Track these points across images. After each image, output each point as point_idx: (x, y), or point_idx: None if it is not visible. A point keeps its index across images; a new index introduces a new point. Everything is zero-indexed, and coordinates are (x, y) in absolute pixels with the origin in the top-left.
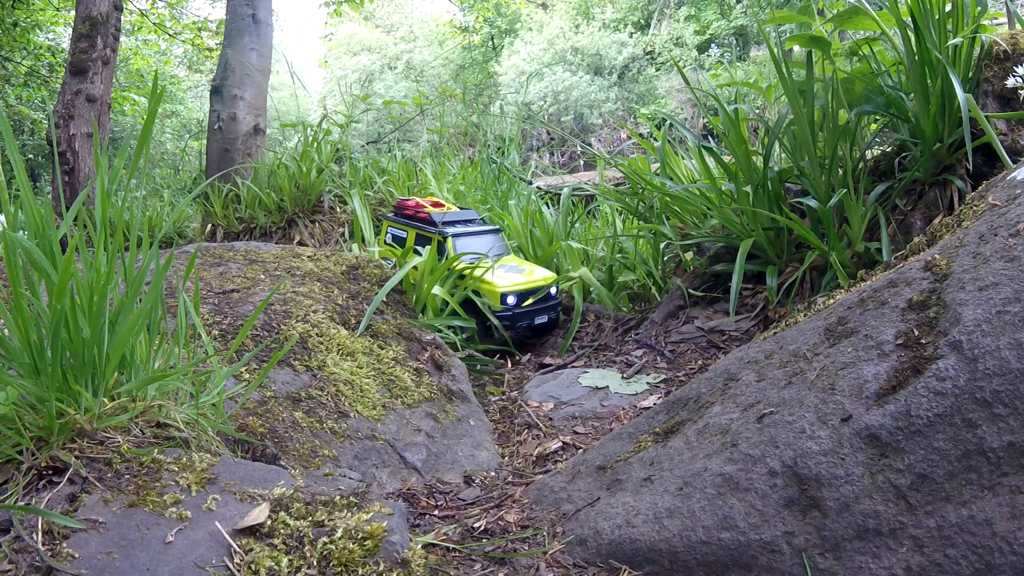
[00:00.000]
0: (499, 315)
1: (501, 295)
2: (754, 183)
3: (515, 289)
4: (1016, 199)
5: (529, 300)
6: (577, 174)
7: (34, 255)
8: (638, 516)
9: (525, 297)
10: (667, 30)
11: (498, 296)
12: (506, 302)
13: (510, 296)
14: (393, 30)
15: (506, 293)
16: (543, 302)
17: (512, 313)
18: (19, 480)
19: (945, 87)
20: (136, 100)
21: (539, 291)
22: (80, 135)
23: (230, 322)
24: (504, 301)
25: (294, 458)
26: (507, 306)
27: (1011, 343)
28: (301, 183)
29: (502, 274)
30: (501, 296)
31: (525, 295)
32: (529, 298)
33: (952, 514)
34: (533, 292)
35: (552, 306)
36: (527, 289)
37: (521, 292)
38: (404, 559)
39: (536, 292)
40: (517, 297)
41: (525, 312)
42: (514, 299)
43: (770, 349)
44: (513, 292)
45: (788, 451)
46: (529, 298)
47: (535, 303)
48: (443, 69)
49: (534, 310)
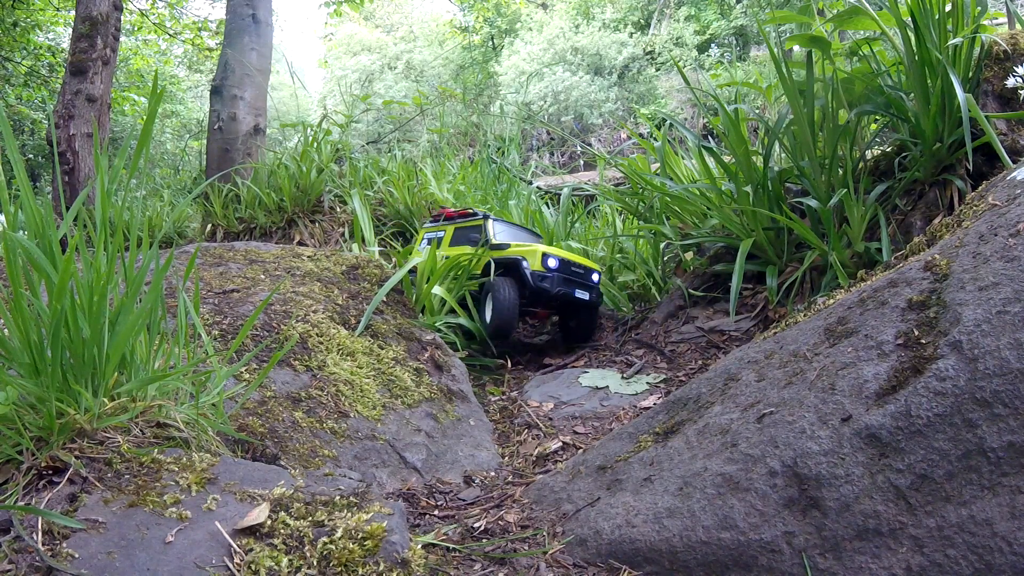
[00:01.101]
0: (539, 277)
1: (542, 255)
2: (754, 183)
3: (557, 254)
4: (1016, 199)
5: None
6: (577, 174)
7: (34, 255)
8: (638, 516)
9: (567, 266)
10: (667, 30)
11: (539, 256)
12: (547, 264)
13: (551, 259)
14: (393, 30)
15: (548, 255)
16: (585, 279)
17: (553, 275)
18: (19, 480)
19: (945, 87)
20: (136, 100)
21: (581, 267)
22: (80, 135)
23: (230, 322)
24: (545, 262)
25: (294, 458)
26: (547, 269)
27: (1011, 343)
28: (301, 183)
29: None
30: (542, 256)
31: (567, 264)
32: (571, 268)
33: (952, 514)
34: (575, 265)
35: (593, 287)
36: (569, 259)
37: (563, 259)
38: (404, 559)
39: (578, 266)
40: (559, 261)
41: (566, 279)
42: (555, 262)
43: (770, 349)
44: (555, 256)
45: (788, 451)
46: (571, 268)
47: (576, 278)
48: (443, 69)
49: (575, 281)
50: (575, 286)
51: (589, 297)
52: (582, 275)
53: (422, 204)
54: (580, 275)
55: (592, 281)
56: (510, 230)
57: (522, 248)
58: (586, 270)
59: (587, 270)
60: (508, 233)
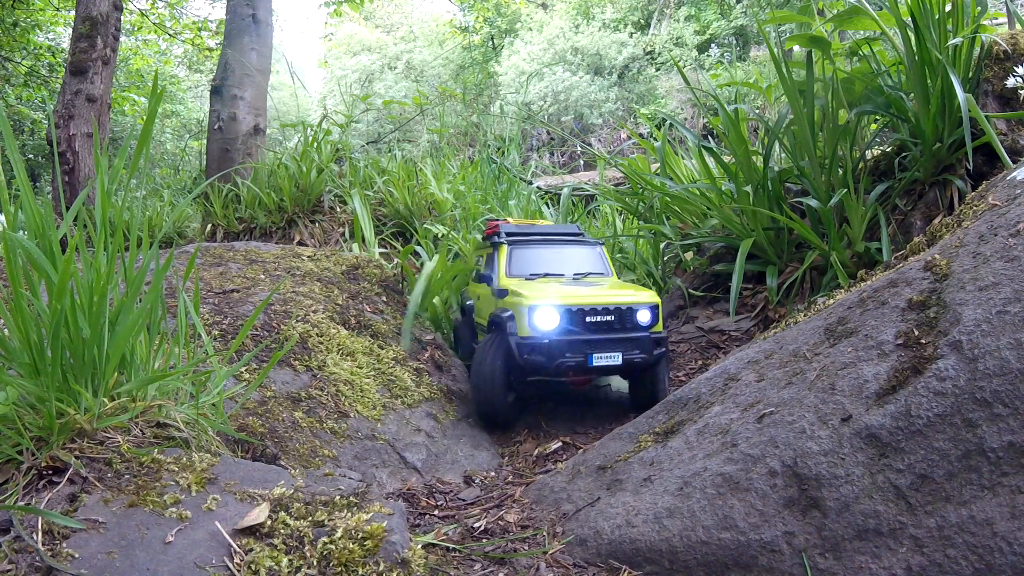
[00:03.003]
0: (527, 347)
1: (528, 309)
2: (754, 183)
3: (562, 301)
4: (1016, 199)
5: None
6: (577, 174)
7: (34, 255)
8: (638, 516)
9: (578, 319)
10: (667, 30)
11: (525, 313)
12: (535, 324)
13: (544, 313)
14: (393, 30)
15: (538, 307)
16: (619, 328)
17: (548, 342)
18: (19, 480)
19: (945, 87)
20: (136, 100)
21: (613, 310)
22: (80, 135)
23: (230, 322)
24: (532, 322)
25: (294, 458)
26: (537, 333)
27: (1011, 343)
28: (301, 183)
29: (553, 288)
30: (528, 311)
31: (578, 315)
32: (586, 320)
33: (952, 514)
34: (598, 311)
35: (640, 337)
36: (584, 304)
37: (571, 309)
38: (404, 559)
39: (606, 310)
40: (564, 314)
41: (577, 342)
42: (554, 318)
43: (770, 349)
44: (553, 306)
45: (788, 451)
46: (586, 320)
47: (601, 332)
48: (443, 69)
49: (599, 340)
50: (598, 348)
51: (623, 358)
52: (612, 324)
53: (422, 204)
54: (609, 325)
55: (637, 327)
56: (546, 255)
57: (511, 299)
58: (623, 311)
59: (626, 310)
60: (540, 261)
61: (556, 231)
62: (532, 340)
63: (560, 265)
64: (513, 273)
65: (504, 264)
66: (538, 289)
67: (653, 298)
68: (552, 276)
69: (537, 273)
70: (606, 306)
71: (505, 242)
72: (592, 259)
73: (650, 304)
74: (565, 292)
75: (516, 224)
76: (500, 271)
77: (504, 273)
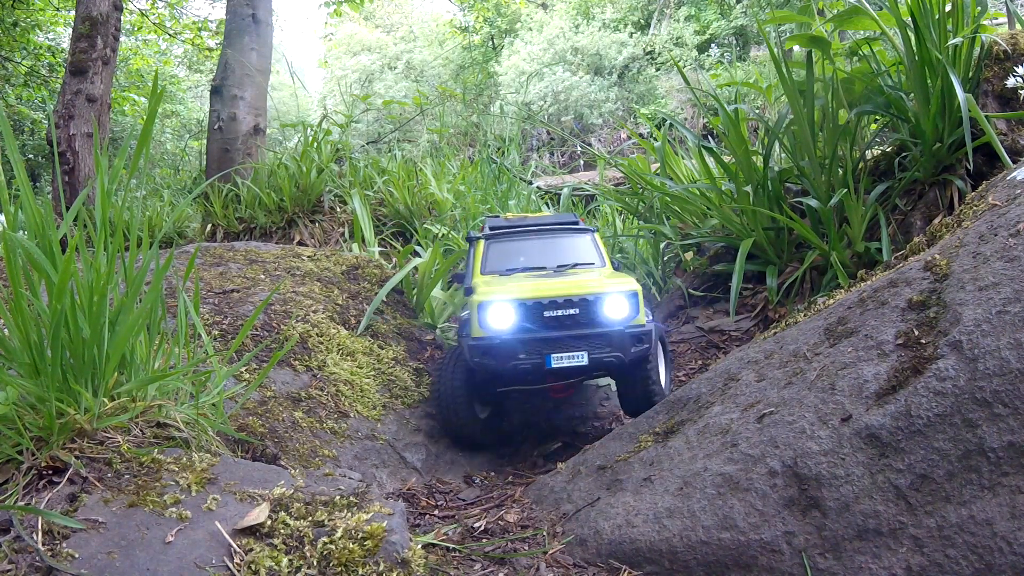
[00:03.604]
0: (478, 349)
1: (479, 306)
2: (754, 183)
3: (510, 297)
4: (1016, 199)
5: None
6: (577, 174)
7: (34, 255)
8: (638, 516)
9: (535, 314)
10: (667, 30)
11: (476, 311)
12: (486, 322)
13: (496, 310)
14: (393, 30)
15: (487, 304)
16: (582, 325)
17: (498, 342)
18: (19, 480)
19: (945, 87)
20: (136, 100)
21: (573, 304)
22: (80, 135)
23: (230, 322)
24: (483, 320)
25: (294, 458)
26: (488, 332)
27: (1011, 343)
28: (301, 183)
29: (516, 282)
30: (479, 309)
31: (535, 309)
32: (545, 314)
33: (952, 514)
34: (555, 304)
35: (606, 336)
36: (539, 298)
37: (527, 302)
38: (404, 559)
39: (572, 301)
40: (519, 309)
41: (535, 341)
42: (508, 315)
43: (770, 349)
44: (504, 302)
45: (788, 451)
46: (545, 314)
47: (566, 328)
48: (443, 69)
49: (552, 339)
50: (558, 347)
51: (589, 361)
52: (577, 318)
53: (422, 204)
54: (573, 319)
55: (607, 321)
56: (528, 248)
57: (473, 295)
58: (589, 302)
59: (592, 301)
60: (520, 255)
61: (544, 222)
62: (483, 341)
63: (543, 257)
64: (488, 270)
65: (480, 261)
66: (498, 284)
67: (629, 285)
68: (532, 270)
69: (515, 268)
70: (568, 297)
71: (482, 237)
72: (582, 249)
73: (625, 291)
74: (526, 285)
75: (507, 218)
76: (475, 268)
77: (479, 270)
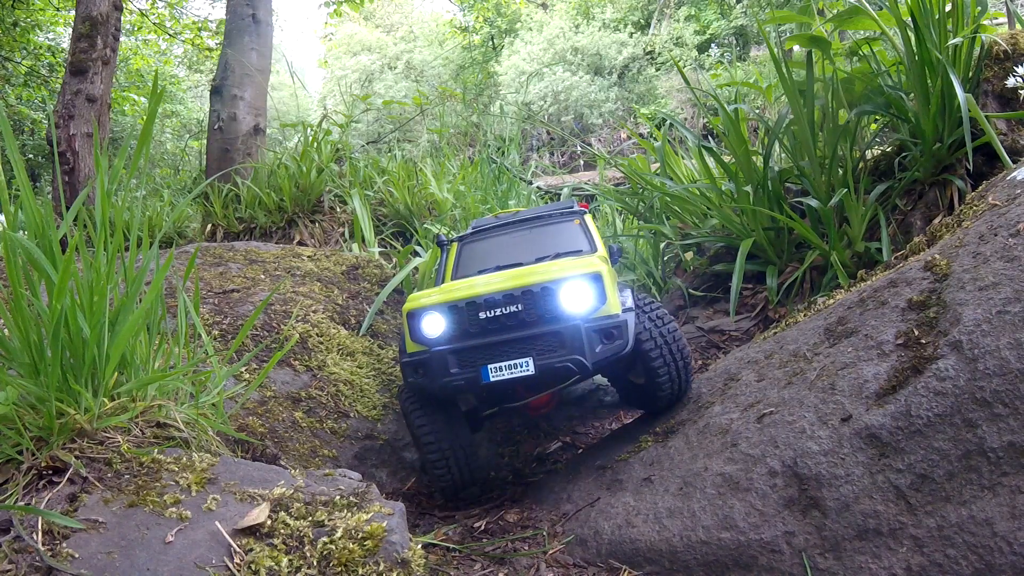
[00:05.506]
0: (411, 364)
1: (408, 316)
2: (754, 183)
3: (441, 301)
4: (1016, 199)
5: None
6: (577, 174)
7: (34, 255)
8: (638, 516)
9: (466, 319)
10: (667, 30)
11: (406, 323)
12: (420, 331)
13: (425, 318)
14: (393, 30)
15: (420, 312)
16: (527, 324)
17: (430, 355)
18: (19, 480)
19: (945, 87)
20: (136, 100)
21: (514, 299)
22: (80, 135)
23: (230, 322)
24: (417, 333)
25: (294, 458)
26: (422, 341)
27: (1011, 343)
28: (301, 183)
29: (463, 283)
30: (409, 320)
31: (466, 313)
32: (479, 315)
33: (952, 514)
34: (492, 303)
35: (558, 334)
36: (473, 298)
37: (457, 306)
38: (404, 559)
39: (503, 302)
40: (448, 318)
41: (459, 352)
42: (438, 325)
43: (770, 349)
44: (433, 309)
45: (788, 451)
46: (479, 315)
47: (498, 330)
48: (443, 69)
49: (489, 345)
50: (495, 355)
51: (535, 368)
52: (520, 316)
53: (422, 204)
54: (516, 318)
55: (561, 315)
56: (505, 244)
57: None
58: (535, 294)
59: (540, 292)
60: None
61: (530, 215)
62: (415, 357)
63: (520, 253)
64: (460, 274)
65: (452, 265)
66: (443, 288)
67: (590, 266)
68: (506, 268)
69: (487, 268)
70: (507, 291)
71: (456, 240)
72: (566, 236)
73: (584, 274)
74: (466, 284)
75: (496, 216)
76: (447, 275)
77: (450, 276)
